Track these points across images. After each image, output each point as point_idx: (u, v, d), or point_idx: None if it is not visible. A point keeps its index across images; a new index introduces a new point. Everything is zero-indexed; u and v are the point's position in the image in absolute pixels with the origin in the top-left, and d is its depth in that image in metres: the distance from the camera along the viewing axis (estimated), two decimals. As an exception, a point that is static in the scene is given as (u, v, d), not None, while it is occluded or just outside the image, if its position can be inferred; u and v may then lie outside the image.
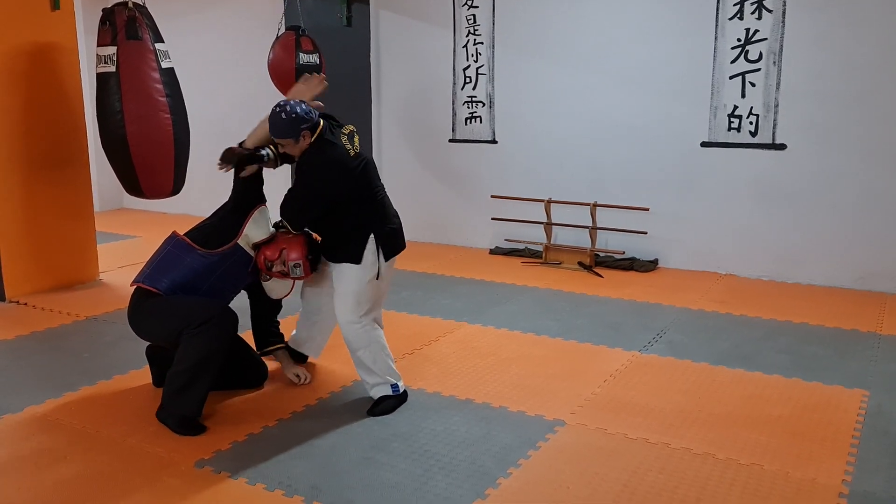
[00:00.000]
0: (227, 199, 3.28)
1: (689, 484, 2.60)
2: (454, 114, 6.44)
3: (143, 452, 2.82)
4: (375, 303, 3.25)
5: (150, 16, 4.57)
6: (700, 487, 2.58)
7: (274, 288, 3.35)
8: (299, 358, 3.64)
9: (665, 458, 2.78)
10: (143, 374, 3.55)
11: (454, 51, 6.33)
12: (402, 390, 3.25)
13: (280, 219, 3.23)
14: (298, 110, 3.03)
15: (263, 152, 3.15)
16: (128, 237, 6.97)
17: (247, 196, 3.23)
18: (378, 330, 3.28)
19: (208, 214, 3.42)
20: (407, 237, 6.08)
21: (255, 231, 3.20)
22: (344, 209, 3.16)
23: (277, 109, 3.04)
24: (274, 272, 3.21)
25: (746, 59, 5.22)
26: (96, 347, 3.95)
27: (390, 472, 2.68)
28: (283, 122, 3.02)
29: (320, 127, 3.14)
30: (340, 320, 3.22)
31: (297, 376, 3.45)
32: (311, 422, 3.08)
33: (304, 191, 3.15)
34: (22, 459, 2.79)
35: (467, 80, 6.31)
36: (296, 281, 3.33)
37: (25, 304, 4.77)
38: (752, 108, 5.25)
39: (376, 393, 3.22)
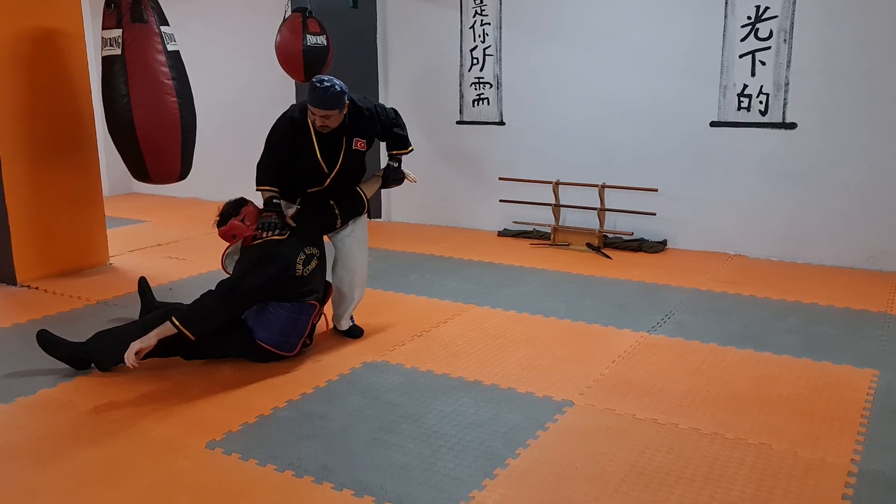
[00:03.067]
0: None
1: (697, 464, 2.61)
2: (461, 95, 6.40)
3: (153, 434, 2.85)
4: None
5: (156, -2, 4.56)
6: (708, 467, 2.58)
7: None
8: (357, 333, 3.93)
9: (673, 438, 2.79)
10: (153, 358, 3.57)
11: (461, 32, 6.29)
12: None
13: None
14: (340, 83, 3.40)
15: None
16: (137, 222, 6.99)
17: None
18: None
19: (216, 198, 3.61)
20: (414, 219, 6.31)
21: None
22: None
23: (328, 83, 3.35)
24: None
25: (756, 37, 5.16)
26: (107, 331, 3.98)
27: (399, 452, 2.70)
28: (338, 95, 3.38)
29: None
30: (364, 264, 3.83)
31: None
32: (320, 403, 3.10)
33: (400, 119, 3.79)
34: (34, 441, 2.82)
35: (474, 61, 6.27)
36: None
37: (36, 288, 4.80)
38: (761, 86, 5.20)
39: (348, 323, 3.90)
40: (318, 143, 3.54)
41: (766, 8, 5.08)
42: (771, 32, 5.10)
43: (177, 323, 3.18)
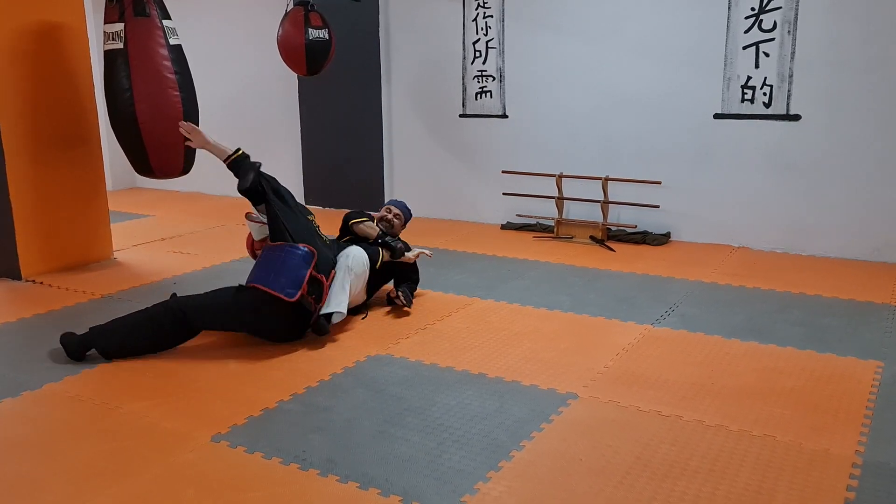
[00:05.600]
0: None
1: (701, 456, 2.61)
2: (464, 88, 6.39)
3: (159, 427, 2.86)
4: None
5: (158, -8, 4.55)
6: (713, 459, 2.59)
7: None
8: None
9: (678, 430, 2.79)
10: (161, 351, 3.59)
11: (464, 24, 6.28)
12: None
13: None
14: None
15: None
16: (141, 216, 7.00)
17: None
18: None
19: (219, 193, 3.96)
20: (418, 213, 6.47)
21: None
22: None
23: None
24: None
25: (760, 29, 5.14)
26: (112, 325, 4.00)
27: (404, 445, 2.70)
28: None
29: None
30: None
31: None
32: (325, 396, 3.11)
33: None
34: (41, 435, 2.83)
35: (477, 53, 6.26)
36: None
37: (41, 283, 4.81)
38: (765, 78, 5.18)
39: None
40: None
41: (770, -1, 5.07)
42: (775, 24, 5.08)
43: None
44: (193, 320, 3.51)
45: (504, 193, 6.29)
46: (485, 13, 6.15)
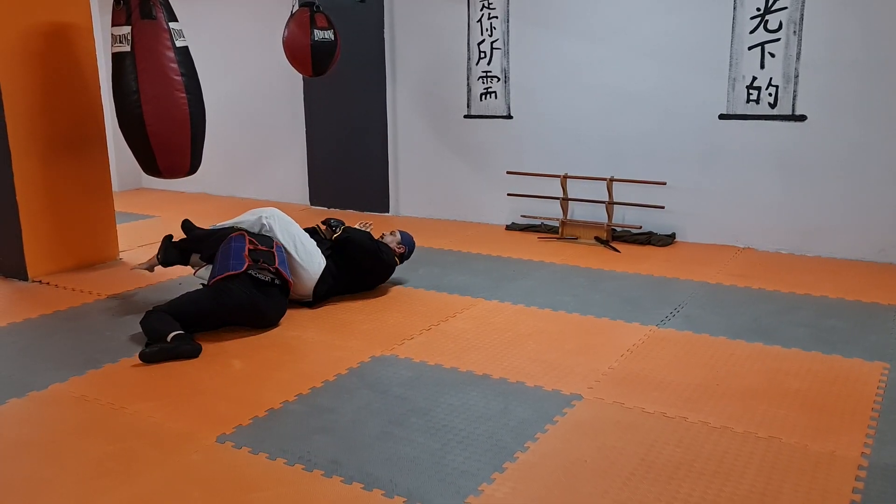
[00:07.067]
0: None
1: (706, 457, 2.60)
2: (469, 89, 6.39)
3: (165, 428, 2.87)
4: None
5: (164, -6, 4.56)
6: (718, 461, 2.58)
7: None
8: None
9: (682, 431, 2.79)
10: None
11: (468, 25, 6.28)
12: None
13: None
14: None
15: None
16: (147, 217, 7.02)
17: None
18: None
19: (224, 193, 4.27)
20: (423, 214, 6.64)
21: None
22: None
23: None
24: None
25: (766, 29, 5.13)
26: (118, 325, 4.01)
27: (409, 446, 2.71)
28: None
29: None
30: None
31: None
32: (329, 397, 3.12)
33: None
34: (46, 435, 2.84)
35: (482, 55, 6.26)
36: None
37: (48, 283, 4.83)
38: (771, 79, 5.17)
39: None
40: None
41: (776, -1, 5.06)
42: (780, 24, 5.07)
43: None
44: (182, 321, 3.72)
45: (509, 194, 6.29)
46: (490, 14, 6.15)
